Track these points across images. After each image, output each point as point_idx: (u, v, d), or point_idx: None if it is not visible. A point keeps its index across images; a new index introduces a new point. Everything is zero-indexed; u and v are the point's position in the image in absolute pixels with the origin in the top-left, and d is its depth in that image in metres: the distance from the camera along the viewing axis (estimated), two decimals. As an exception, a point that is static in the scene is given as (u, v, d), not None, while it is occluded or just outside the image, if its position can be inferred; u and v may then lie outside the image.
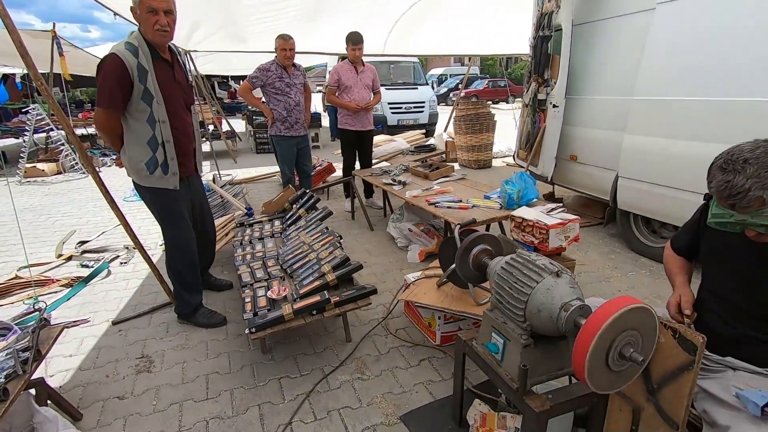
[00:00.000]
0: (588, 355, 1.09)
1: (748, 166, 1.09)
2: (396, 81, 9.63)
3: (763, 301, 1.24)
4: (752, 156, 1.10)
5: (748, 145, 1.14)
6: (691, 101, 2.89)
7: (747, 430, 1.05)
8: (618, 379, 1.19)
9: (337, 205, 5.13)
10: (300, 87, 4.10)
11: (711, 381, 1.29)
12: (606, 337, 1.10)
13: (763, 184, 1.08)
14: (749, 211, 1.12)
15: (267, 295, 2.27)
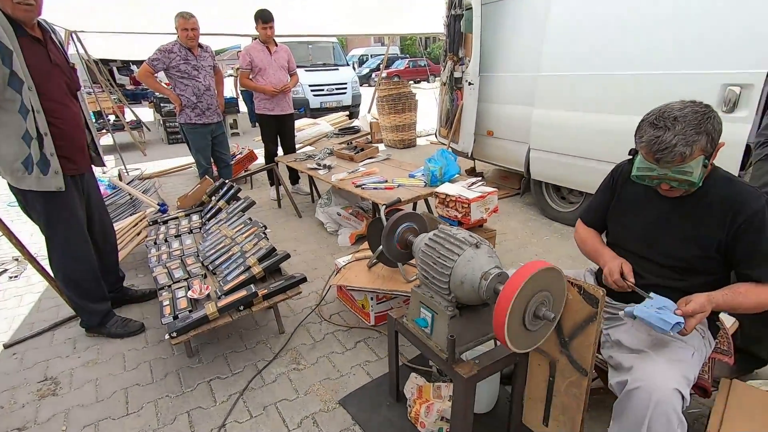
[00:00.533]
0: (506, 318, 1.15)
1: (677, 124, 1.17)
2: (316, 62, 9.35)
3: (665, 251, 1.37)
4: (681, 114, 1.17)
5: (678, 104, 1.22)
6: (586, 76, 3.15)
7: (647, 368, 1.18)
8: (534, 337, 1.28)
9: (261, 193, 4.92)
10: (209, 70, 3.80)
11: (615, 329, 1.43)
12: (521, 300, 1.16)
13: (687, 140, 1.15)
14: (672, 165, 1.20)
15: (188, 296, 2.12)
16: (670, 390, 1.10)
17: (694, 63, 2.57)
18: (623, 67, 2.92)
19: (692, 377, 1.20)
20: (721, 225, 1.26)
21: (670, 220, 1.36)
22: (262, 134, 4.42)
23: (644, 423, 1.10)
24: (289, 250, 3.27)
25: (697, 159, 1.18)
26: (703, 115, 1.17)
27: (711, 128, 1.17)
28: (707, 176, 1.28)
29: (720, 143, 1.23)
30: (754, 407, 1.37)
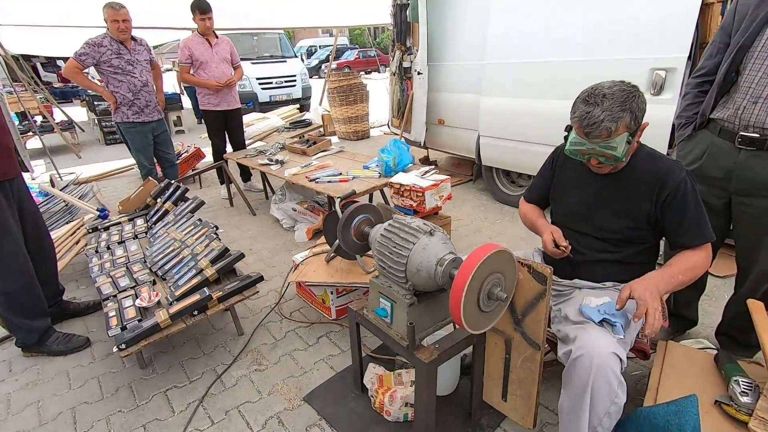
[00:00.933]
0: (462, 302, 1.18)
1: (605, 100, 1.23)
2: (262, 54, 9.04)
3: (600, 225, 1.46)
4: (610, 92, 1.24)
5: (608, 83, 1.28)
6: (528, 63, 3.26)
7: (587, 337, 1.26)
8: (490, 318, 1.33)
9: (212, 193, 4.74)
10: (145, 64, 3.57)
11: (563, 304, 1.51)
12: (475, 284, 1.20)
13: (613, 117, 1.22)
14: (599, 140, 1.26)
15: (136, 305, 2.00)
16: (607, 354, 1.18)
17: (624, 49, 2.73)
18: (561, 55, 3.05)
19: (628, 341, 1.29)
20: (648, 198, 1.35)
21: (603, 196, 1.43)
22: (209, 131, 4.23)
23: (588, 386, 1.18)
24: (245, 250, 3.19)
25: (622, 135, 1.25)
26: (629, 93, 1.24)
27: (635, 107, 1.24)
28: (634, 153, 1.38)
29: (644, 123, 1.31)
30: (688, 365, 1.50)
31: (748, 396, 1.26)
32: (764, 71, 1.46)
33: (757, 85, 1.48)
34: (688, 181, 1.32)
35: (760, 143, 1.50)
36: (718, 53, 1.63)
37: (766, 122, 1.47)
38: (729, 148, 1.59)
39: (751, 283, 1.70)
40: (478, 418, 1.66)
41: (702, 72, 1.71)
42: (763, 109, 1.47)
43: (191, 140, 6.28)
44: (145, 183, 3.24)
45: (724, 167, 1.61)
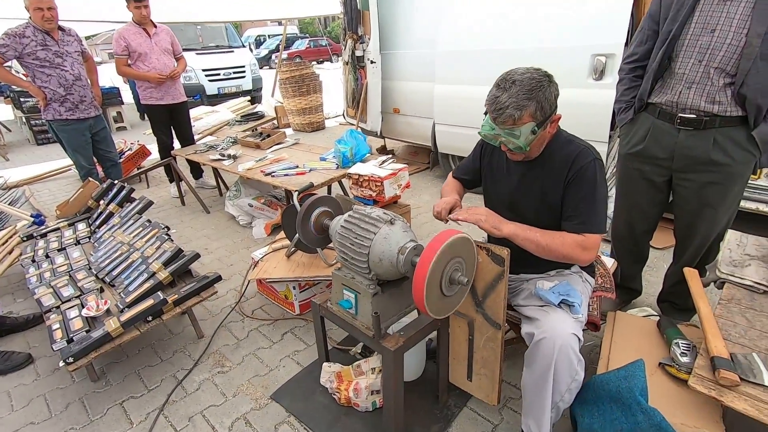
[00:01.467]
0: (424, 288, 1.20)
1: (513, 87, 1.21)
2: (207, 45, 8.62)
3: (524, 214, 1.42)
4: (520, 79, 1.22)
5: (523, 69, 1.26)
6: (477, 51, 3.32)
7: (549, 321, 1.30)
8: (452, 302, 1.36)
9: (161, 192, 4.50)
10: (76, 56, 3.30)
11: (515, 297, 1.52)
12: (436, 269, 1.22)
13: (518, 104, 1.20)
14: (504, 126, 1.25)
15: (82, 315, 1.88)
16: (567, 334, 1.24)
17: (569, 36, 2.84)
18: (510, 43, 3.13)
19: (583, 319, 1.36)
20: (559, 184, 1.33)
21: (525, 183, 1.42)
22: (153, 127, 4.00)
23: (551, 366, 1.24)
24: (200, 249, 3.07)
25: (527, 125, 1.22)
26: (538, 83, 1.21)
27: (542, 96, 1.21)
28: (552, 140, 1.36)
29: (556, 115, 1.29)
30: (634, 332, 1.62)
31: (687, 356, 1.37)
32: (695, 58, 1.55)
33: (690, 71, 1.57)
34: (593, 165, 1.28)
35: (697, 123, 1.60)
36: (648, 40, 1.71)
37: (701, 104, 1.57)
38: (669, 128, 1.68)
39: (691, 252, 1.84)
40: (445, 400, 1.70)
41: (634, 58, 1.78)
42: (697, 92, 1.58)
43: (135, 137, 5.92)
44: (85, 184, 3.02)
45: (665, 147, 1.71)
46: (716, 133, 1.58)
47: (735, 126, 1.56)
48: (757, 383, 1.14)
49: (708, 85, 1.55)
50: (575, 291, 1.36)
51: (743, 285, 1.49)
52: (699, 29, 1.54)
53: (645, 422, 1.19)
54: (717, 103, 1.55)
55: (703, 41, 1.53)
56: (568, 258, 1.30)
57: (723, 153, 1.60)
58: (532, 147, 1.30)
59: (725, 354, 1.21)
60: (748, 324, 1.36)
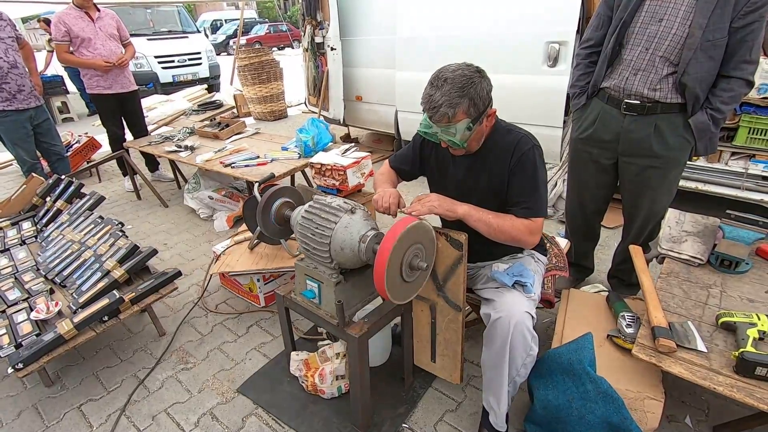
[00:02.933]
0: (385, 275, 1.22)
1: (446, 85, 1.22)
2: (159, 30, 8.18)
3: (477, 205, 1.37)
4: (451, 76, 1.23)
5: (454, 66, 1.26)
6: (436, 37, 3.34)
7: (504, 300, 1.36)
8: (413, 287, 1.39)
9: (114, 186, 4.30)
10: (10, 42, 3.06)
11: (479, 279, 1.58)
12: (396, 256, 1.24)
13: (451, 102, 1.22)
14: (440, 125, 1.27)
15: (32, 318, 1.79)
16: (521, 313, 1.30)
17: (523, 24, 2.90)
18: (466, 29, 3.17)
19: (537, 297, 1.42)
20: (503, 172, 1.36)
21: (472, 175, 1.44)
22: (102, 117, 3.77)
23: (507, 343, 1.30)
24: (159, 245, 2.98)
25: (462, 122, 1.24)
26: (469, 79, 1.22)
27: (474, 93, 1.23)
28: (493, 131, 1.38)
29: (491, 109, 1.31)
30: (587, 307, 1.71)
31: (632, 327, 1.47)
32: (643, 46, 1.62)
33: (637, 59, 1.64)
34: (532, 152, 1.32)
35: (640, 109, 1.68)
36: (603, 26, 1.77)
37: (644, 91, 1.65)
38: (616, 114, 1.75)
39: (635, 231, 1.96)
40: (410, 382, 1.75)
41: (590, 44, 1.84)
42: (641, 79, 1.65)
43: (82, 129, 5.58)
44: (29, 180, 2.84)
45: (612, 131, 1.79)
46: (657, 119, 1.67)
47: (675, 113, 1.65)
48: (690, 348, 1.25)
49: (652, 72, 1.62)
50: (528, 271, 1.43)
51: (681, 259, 1.61)
52: (648, 18, 1.60)
53: (593, 390, 1.28)
54: (658, 90, 1.63)
55: (651, 30, 1.60)
56: (515, 240, 1.34)
57: (662, 140, 1.68)
58: (470, 142, 1.32)
59: (664, 323, 1.31)
60: (685, 295, 1.47)
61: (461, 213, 1.34)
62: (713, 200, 2.70)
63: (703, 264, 1.60)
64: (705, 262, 1.60)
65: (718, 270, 1.57)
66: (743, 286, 1.49)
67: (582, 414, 1.31)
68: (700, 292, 1.48)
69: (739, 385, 1.14)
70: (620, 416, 1.25)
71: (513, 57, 2.98)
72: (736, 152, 2.61)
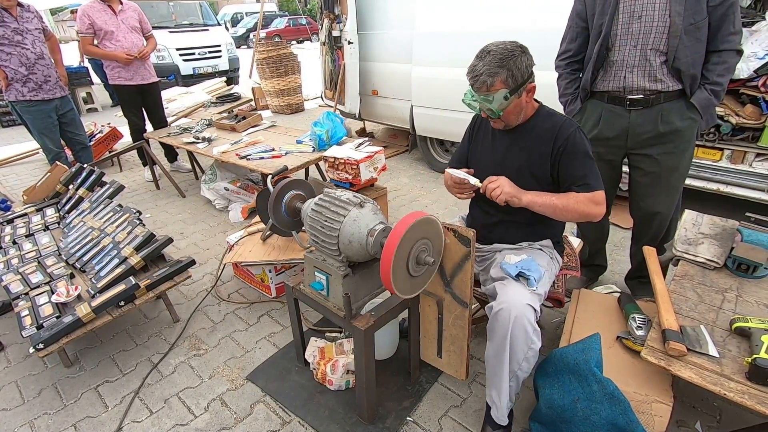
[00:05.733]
0: (391, 269, 1.23)
1: (488, 56, 1.32)
2: (181, 23, 8.30)
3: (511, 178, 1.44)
4: (495, 49, 1.33)
5: (501, 41, 1.36)
6: (454, 33, 3.31)
7: (506, 292, 1.36)
8: (420, 282, 1.40)
9: (135, 176, 4.40)
10: (37, 34, 3.16)
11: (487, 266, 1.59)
12: (403, 251, 1.25)
13: (491, 71, 1.31)
14: (480, 92, 1.36)
15: (53, 301, 1.86)
16: (523, 305, 1.29)
17: (543, 18, 2.84)
18: (484, 23, 3.12)
19: (542, 293, 1.41)
20: (546, 154, 1.42)
21: (508, 156, 1.50)
22: (123, 108, 3.88)
23: (507, 335, 1.30)
24: (176, 234, 3.05)
25: (500, 91, 1.33)
26: (510, 52, 1.32)
27: (513, 65, 1.31)
28: (535, 114, 1.47)
29: (530, 84, 1.37)
30: (597, 308, 1.69)
31: (643, 330, 1.45)
32: (630, 44, 1.68)
33: (628, 57, 1.70)
34: (578, 133, 1.39)
35: (645, 102, 1.73)
36: (578, 36, 1.85)
37: (645, 84, 1.70)
38: (621, 111, 1.79)
39: (655, 228, 1.92)
40: (416, 377, 1.76)
41: (568, 54, 1.91)
42: (639, 74, 1.70)
43: (106, 119, 5.73)
44: (53, 168, 2.94)
45: (618, 128, 1.82)
46: (662, 108, 1.72)
47: (676, 99, 1.71)
48: (702, 353, 1.22)
49: (647, 66, 1.68)
50: (536, 266, 1.42)
51: (696, 262, 1.57)
52: (627, 18, 1.67)
53: (599, 392, 1.26)
54: (659, 81, 1.68)
55: (633, 28, 1.66)
56: (584, 215, 1.38)
57: (669, 126, 1.73)
58: (508, 114, 1.40)
59: (675, 327, 1.29)
60: (699, 299, 1.44)
61: (525, 201, 1.39)
62: (735, 203, 2.62)
63: (720, 267, 1.56)
64: (721, 265, 1.55)
65: (734, 274, 1.53)
66: (760, 291, 1.45)
67: (587, 415, 1.30)
68: (714, 296, 1.44)
69: (751, 392, 1.11)
70: (626, 419, 1.23)
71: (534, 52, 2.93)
72: (761, 153, 2.53)
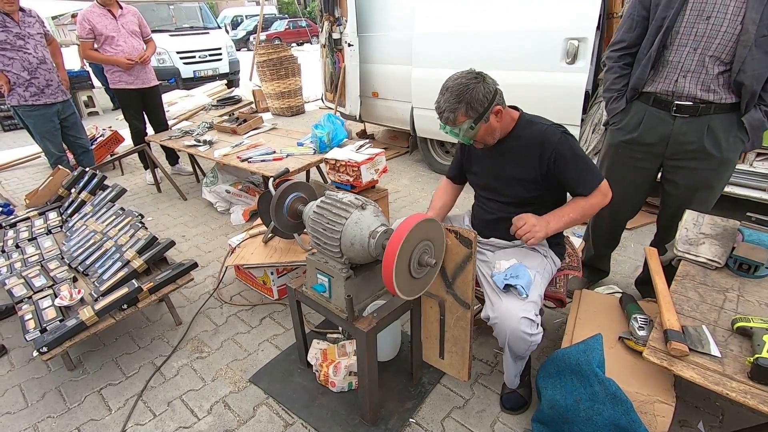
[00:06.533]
0: (393, 271, 1.23)
1: (447, 92, 1.38)
2: (181, 26, 8.34)
3: (501, 191, 1.58)
4: (451, 85, 1.38)
5: (457, 74, 1.40)
6: (453, 34, 3.32)
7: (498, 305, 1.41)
8: (422, 284, 1.40)
9: (136, 179, 4.41)
10: (39, 38, 3.17)
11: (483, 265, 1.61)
12: (404, 252, 1.25)
13: (451, 108, 1.38)
14: (448, 125, 1.43)
15: (56, 304, 1.86)
16: (516, 319, 1.36)
17: (542, 20, 2.85)
18: (483, 24, 3.14)
19: (537, 298, 1.43)
20: (533, 162, 1.46)
21: (499, 163, 1.56)
22: (124, 112, 3.89)
23: (506, 345, 1.42)
24: (177, 236, 3.06)
25: (465, 122, 1.39)
26: (465, 86, 1.36)
27: (470, 98, 1.36)
28: (517, 124, 1.50)
29: (495, 107, 1.39)
30: (599, 308, 1.69)
31: (644, 330, 1.45)
32: (690, 46, 1.54)
33: (685, 60, 1.57)
34: (565, 141, 1.42)
35: (693, 110, 1.61)
36: (638, 26, 1.67)
37: (697, 93, 1.58)
38: (665, 116, 1.67)
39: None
40: (419, 378, 1.76)
41: (623, 45, 1.73)
42: (692, 81, 1.58)
43: (107, 122, 5.75)
44: (55, 172, 2.94)
45: (660, 134, 1.71)
46: (710, 119, 1.60)
47: (728, 112, 1.59)
48: (704, 353, 1.22)
49: (703, 73, 1.55)
50: (524, 270, 1.44)
51: (697, 262, 1.57)
52: (694, 16, 1.52)
53: (601, 392, 1.27)
54: (712, 91, 1.56)
55: (698, 29, 1.52)
56: (599, 208, 1.47)
57: (715, 142, 1.62)
58: (482, 138, 1.46)
59: (677, 327, 1.29)
60: (700, 299, 1.44)
61: (553, 230, 1.44)
62: (735, 202, 2.62)
63: (721, 267, 1.56)
64: (723, 265, 1.56)
65: (736, 274, 1.53)
66: (762, 291, 1.45)
67: (589, 415, 1.30)
68: (716, 295, 1.45)
69: (753, 391, 1.11)
70: (628, 419, 1.23)
71: (531, 54, 2.94)
72: (761, 153, 2.53)
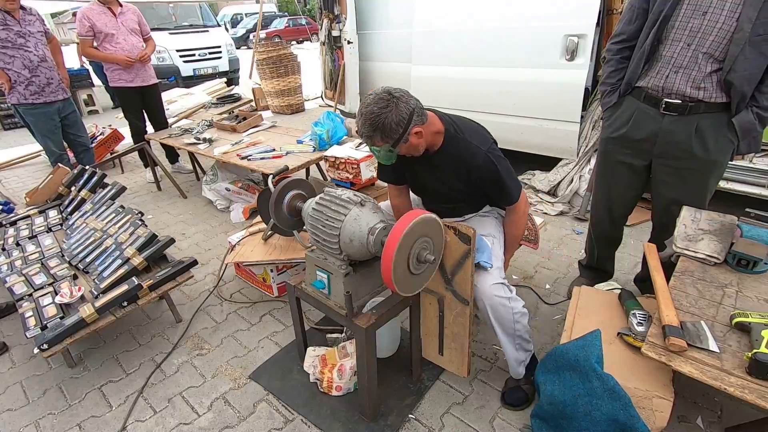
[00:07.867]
0: (392, 267, 1.24)
1: (362, 119, 1.40)
2: (181, 24, 8.32)
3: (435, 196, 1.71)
4: (365, 111, 1.38)
5: (371, 98, 1.39)
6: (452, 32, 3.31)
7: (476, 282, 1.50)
8: (420, 280, 1.40)
9: (136, 177, 4.42)
10: (40, 37, 3.17)
11: None
12: (403, 249, 1.25)
13: (367, 134, 1.42)
14: (369, 145, 1.48)
15: (56, 302, 1.87)
16: (488, 287, 1.47)
17: (541, 16, 2.85)
18: (483, 21, 3.13)
19: (500, 262, 1.58)
20: (458, 176, 1.56)
21: (430, 173, 1.63)
22: (124, 110, 3.89)
23: (490, 317, 1.50)
24: (177, 234, 3.06)
25: (383, 146, 1.44)
26: (377, 116, 1.36)
27: (382, 126, 1.37)
28: (444, 140, 1.54)
29: (413, 129, 1.41)
30: (597, 304, 1.69)
31: (643, 326, 1.45)
32: (684, 42, 1.51)
33: (678, 55, 1.53)
34: (487, 160, 1.48)
35: (682, 109, 1.57)
36: (637, 18, 1.63)
37: (687, 90, 1.54)
38: (654, 113, 1.64)
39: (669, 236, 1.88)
40: (418, 374, 1.76)
41: (622, 38, 1.70)
42: (683, 78, 1.54)
43: (107, 121, 5.75)
44: (55, 171, 2.95)
45: (648, 131, 1.68)
46: (699, 119, 1.57)
47: (717, 112, 1.55)
48: (702, 348, 1.22)
49: (695, 70, 1.52)
50: (483, 242, 1.56)
51: (696, 258, 1.57)
52: (691, 11, 1.49)
53: (600, 387, 1.27)
54: (702, 89, 1.52)
55: (693, 24, 1.48)
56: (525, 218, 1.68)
57: (703, 142, 1.59)
58: (406, 152, 1.50)
59: (675, 322, 1.29)
60: (699, 294, 1.44)
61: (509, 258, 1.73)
62: (734, 198, 2.62)
63: (719, 263, 1.56)
64: (721, 261, 1.56)
65: (734, 269, 1.53)
66: (760, 287, 1.45)
67: (588, 410, 1.30)
68: (714, 291, 1.45)
69: (751, 386, 1.11)
70: (627, 414, 1.24)
71: (530, 50, 2.94)
72: (761, 149, 2.53)
